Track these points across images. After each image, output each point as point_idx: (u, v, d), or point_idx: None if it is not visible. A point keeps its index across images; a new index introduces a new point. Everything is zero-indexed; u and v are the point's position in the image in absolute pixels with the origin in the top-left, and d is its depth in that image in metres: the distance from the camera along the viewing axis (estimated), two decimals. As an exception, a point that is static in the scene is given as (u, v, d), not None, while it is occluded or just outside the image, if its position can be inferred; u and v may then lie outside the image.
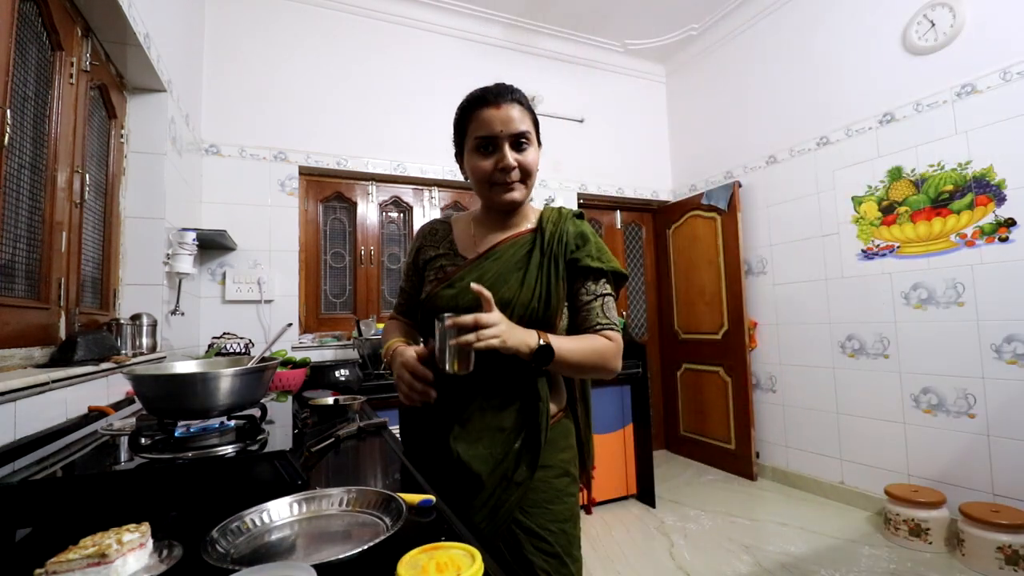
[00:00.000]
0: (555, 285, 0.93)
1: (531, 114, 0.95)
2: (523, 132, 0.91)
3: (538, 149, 0.97)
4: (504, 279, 0.93)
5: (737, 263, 3.32)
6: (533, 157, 0.93)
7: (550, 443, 0.95)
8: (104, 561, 0.49)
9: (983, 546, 1.99)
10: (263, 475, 0.74)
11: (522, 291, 0.92)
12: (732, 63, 3.51)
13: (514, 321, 0.88)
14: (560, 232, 0.96)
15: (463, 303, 0.91)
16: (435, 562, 0.48)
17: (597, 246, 0.98)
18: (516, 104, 0.92)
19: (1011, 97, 2.15)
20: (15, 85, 1.13)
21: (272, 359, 0.93)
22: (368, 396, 1.97)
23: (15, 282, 1.16)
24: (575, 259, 0.95)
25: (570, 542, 0.94)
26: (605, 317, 0.94)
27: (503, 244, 0.98)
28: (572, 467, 0.99)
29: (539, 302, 0.92)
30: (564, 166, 3.61)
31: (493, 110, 0.90)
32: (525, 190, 0.95)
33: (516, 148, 0.92)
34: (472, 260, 0.97)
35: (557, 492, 0.94)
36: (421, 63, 3.22)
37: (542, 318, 0.92)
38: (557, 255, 0.94)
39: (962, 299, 2.30)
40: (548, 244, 0.95)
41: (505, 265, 0.95)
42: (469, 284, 0.88)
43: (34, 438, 0.95)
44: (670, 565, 2.17)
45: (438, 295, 0.95)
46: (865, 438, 2.70)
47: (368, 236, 3.09)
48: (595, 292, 0.95)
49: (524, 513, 0.90)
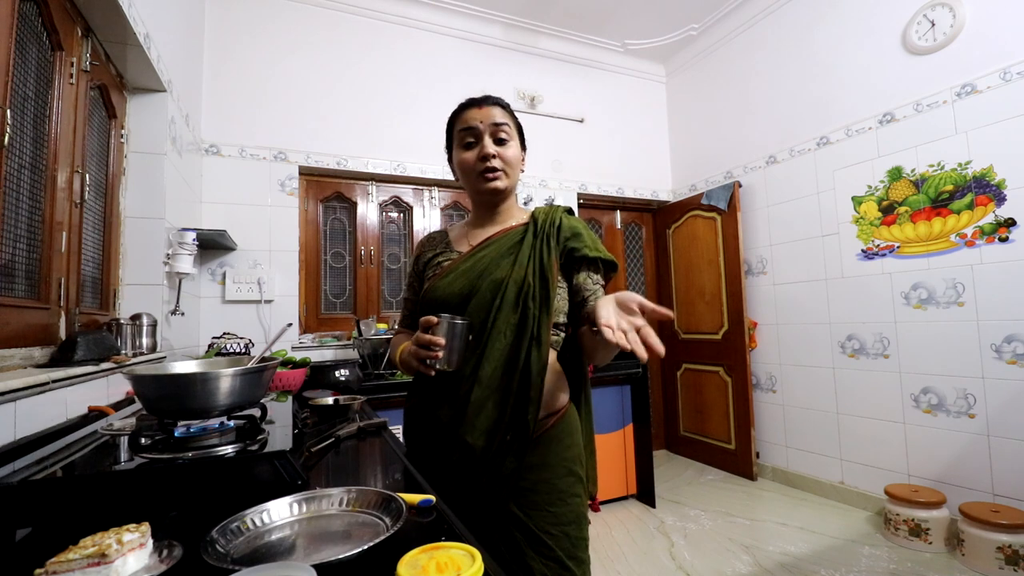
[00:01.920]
0: (548, 260, 0.96)
1: (513, 118, 1.04)
2: (502, 123, 0.99)
3: (521, 150, 1.04)
4: (497, 263, 0.98)
5: (737, 263, 3.32)
6: (514, 152, 1.01)
7: (553, 440, 0.94)
8: (104, 561, 0.49)
9: (983, 546, 1.99)
10: (263, 475, 0.74)
11: (515, 269, 0.95)
12: (732, 63, 3.51)
13: (509, 299, 0.93)
14: (552, 219, 1.01)
15: (456, 289, 0.97)
16: (435, 562, 0.48)
17: (591, 236, 1.02)
18: (497, 106, 1.01)
19: (1011, 97, 2.15)
20: (15, 85, 1.13)
21: (272, 359, 0.93)
22: (368, 396, 1.97)
23: (15, 282, 1.16)
24: (573, 248, 0.98)
25: (574, 545, 0.92)
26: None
27: (497, 236, 1.02)
28: (577, 466, 0.97)
29: (534, 277, 0.94)
30: (564, 166, 3.61)
31: (475, 109, 1.01)
32: (508, 180, 1.01)
33: (497, 142, 1.00)
34: (467, 253, 1.02)
35: (560, 493, 0.92)
36: (421, 63, 3.22)
37: (539, 295, 0.93)
38: (550, 236, 0.98)
39: (962, 299, 2.30)
40: (540, 228, 0.99)
41: (498, 251, 0.99)
42: (462, 272, 0.97)
43: (34, 438, 0.95)
44: (670, 565, 2.17)
45: (435, 287, 1.01)
46: (865, 438, 2.70)
47: (368, 236, 3.09)
48: (598, 281, 1.00)
49: (525, 515, 0.89)
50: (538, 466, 0.92)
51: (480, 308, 0.95)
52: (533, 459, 0.92)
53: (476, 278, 0.97)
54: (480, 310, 0.95)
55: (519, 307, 0.93)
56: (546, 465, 0.93)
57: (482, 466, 0.90)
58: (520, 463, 0.90)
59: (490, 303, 0.94)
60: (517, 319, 0.93)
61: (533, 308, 0.92)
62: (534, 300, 0.93)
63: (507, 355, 0.92)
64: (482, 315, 0.94)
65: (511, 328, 0.93)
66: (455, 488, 0.90)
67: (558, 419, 0.96)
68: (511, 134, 1.01)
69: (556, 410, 0.97)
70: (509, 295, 0.93)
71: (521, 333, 0.92)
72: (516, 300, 0.93)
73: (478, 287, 0.96)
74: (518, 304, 0.93)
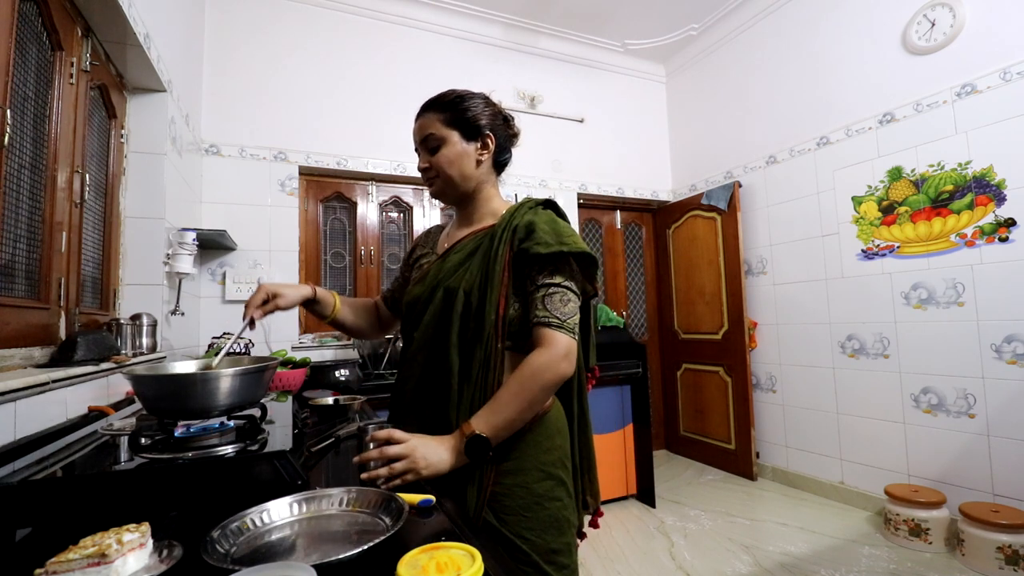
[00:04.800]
0: (493, 267, 0.91)
1: (449, 112, 0.98)
2: (428, 135, 0.98)
3: (468, 141, 0.98)
4: (454, 270, 0.96)
5: (737, 263, 3.32)
6: (444, 155, 0.97)
7: (529, 443, 0.90)
8: (104, 561, 0.49)
9: (983, 546, 1.99)
10: (263, 475, 0.74)
11: (465, 279, 0.93)
12: (732, 63, 3.51)
13: (458, 309, 0.90)
14: (511, 219, 0.95)
15: (419, 296, 0.98)
16: (435, 562, 0.48)
17: (553, 231, 0.90)
18: (427, 112, 0.99)
19: (1011, 97, 2.15)
20: (15, 85, 1.13)
21: (272, 359, 0.93)
22: (368, 396, 1.96)
23: (15, 282, 1.16)
24: (524, 249, 0.90)
25: (554, 551, 0.87)
26: (544, 310, 0.87)
27: (467, 238, 1.01)
28: (558, 469, 0.92)
29: (477, 288, 0.91)
30: (564, 166, 3.61)
31: (415, 124, 1.01)
32: (442, 184, 1.00)
33: (430, 151, 0.99)
34: (439, 256, 1.03)
35: (537, 497, 0.88)
36: (421, 63, 3.22)
37: (477, 309, 0.90)
38: (504, 240, 0.92)
39: (962, 299, 2.30)
40: (499, 232, 0.94)
41: (460, 257, 0.98)
42: (430, 278, 0.97)
43: (34, 438, 0.95)
44: (670, 565, 2.17)
45: (408, 291, 1.03)
46: (865, 438, 2.70)
47: (368, 236, 3.09)
48: (538, 282, 0.89)
49: (498, 520, 0.86)
50: (513, 471, 0.88)
51: (433, 318, 0.94)
52: (508, 464, 0.88)
53: (435, 286, 0.96)
54: (433, 320, 0.94)
55: (465, 320, 0.91)
56: (521, 469, 0.89)
57: (451, 478, 0.87)
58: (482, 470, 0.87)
59: (441, 314, 0.93)
60: (462, 332, 0.91)
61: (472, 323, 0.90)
62: (472, 315, 0.90)
63: (461, 369, 0.90)
64: (436, 326, 0.94)
65: (460, 341, 0.91)
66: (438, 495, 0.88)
67: (534, 421, 0.91)
68: (442, 136, 0.96)
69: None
70: (458, 306, 0.91)
71: (466, 348, 0.90)
72: (463, 312, 0.91)
73: (435, 295, 0.95)
74: (464, 317, 0.91)
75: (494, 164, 1.03)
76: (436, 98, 1.00)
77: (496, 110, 1.02)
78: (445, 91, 1.01)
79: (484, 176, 1.01)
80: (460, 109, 0.98)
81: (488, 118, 1.00)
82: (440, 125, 0.97)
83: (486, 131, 0.99)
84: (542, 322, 0.87)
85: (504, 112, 1.05)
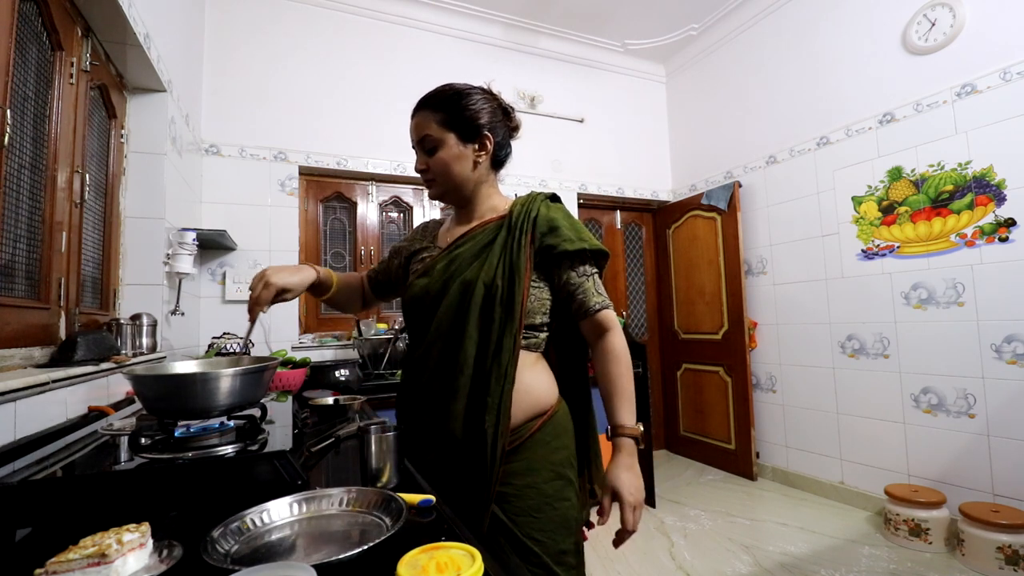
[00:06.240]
0: (518, 259, 0.91)
1: (444, 112, 0.95)
2: (424, 136, 0.97)
3: (460, 146, 0.96)
4: (468, 263, 0.95)
5: (737, 263, 3.32)
6: (442, 158, 0.96)
7: (539, 443, 0.91)
8: (104, 561, 0.49)
9: (983, 546, 1.99)
10: (263, 475, 0.74)
11: (483, 270, 0.92)
12: (732, 63, 3.51)
13: (477, 302, 0.90)
14: (527, 211, 0.95)
15: (429, 289, 0.96)
16: (435, 562, 0.48)
17: (572, 227, 0.95)
18: (422, 111, 0.97)
19: (1011, 97, 2.15)
20: (15, 85, 1.13)
21: (272, 359, 0.93)
22: (368, 396, 1.97)
23: (15, 282, 1.16)
24: (550, 246, 0.92)
25: (563, 551, 0.88)
26: (599, 295, 0.95)
27: (475, 230, 0.99)
28: (567, 469, 0.94)
29: (502, 279, 0.90)
30: (564, 166, 3.61)
31: (411, 122, 1.00)
32: (440, 186, 1.00)
33: (427, 152, 0.98)
34: (444, 250, 1.00)
35: (547, 498, 0.89)
36: (421, 63, 3.22)
37: (507, 298, 0.89)
38: (523, 231, 0.93)
39: (962, 299, 2.30)
40: (514, 223, 0.94)
41: (472, 249, 0.96)
42: (438, 272, 0.95)
43: (34, 438, 0.95)
44: (670, 565, 2.17)
45: (412, 284, 1.01)
46: (865, 438, 2.70)
47: (368, 236, 3.09)
48: (584, 272, 0.95)
49: (510, 521, 0.86)
50: (522, 471, 0.89)
51: (449, 310, 0.92)
52: (518, 464, 0.89)
53: (448, 279, 0.94)
54: (449, 313, 0.92)
55: (486, 311, 0.90)
56: (531, 470, 0.89)
57: (465, 475, 0.88)
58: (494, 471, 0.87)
59: (458, 306, 0.92)
60: (484, 323, 0.90)
61: (499, 312, 0.89)
62: (501, 304, 0.89)
63: (476, 361, 0.89)
64: (452, 318, 0.92)
65: (479, 332, 0.90)
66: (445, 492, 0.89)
67: (543, 421, 0.92)
68: (439, 138, 0.95)
69: (540, 412, 0.93)
70: (477, 298, 0.90)
71: (486, 338, 0.89)
72: (483, 303, 0.90)
73: (449, 288, 0.93)
74: (485, 307, 0.90)
75: (493, 162, 1.02)
76: (433, 94, 0.97)
77: (495, 104, 1.00)
78: (443, 86, 0.99)
79: (483, 176, 1.01)
80: (458, 108, 0.95)
81: (488, 115, 0.97)
82: (437, 126, 0.95)
83: (485, 131, 0.97)
84: (603, 305, 0.94)
85: (504, 104, 1.03)
